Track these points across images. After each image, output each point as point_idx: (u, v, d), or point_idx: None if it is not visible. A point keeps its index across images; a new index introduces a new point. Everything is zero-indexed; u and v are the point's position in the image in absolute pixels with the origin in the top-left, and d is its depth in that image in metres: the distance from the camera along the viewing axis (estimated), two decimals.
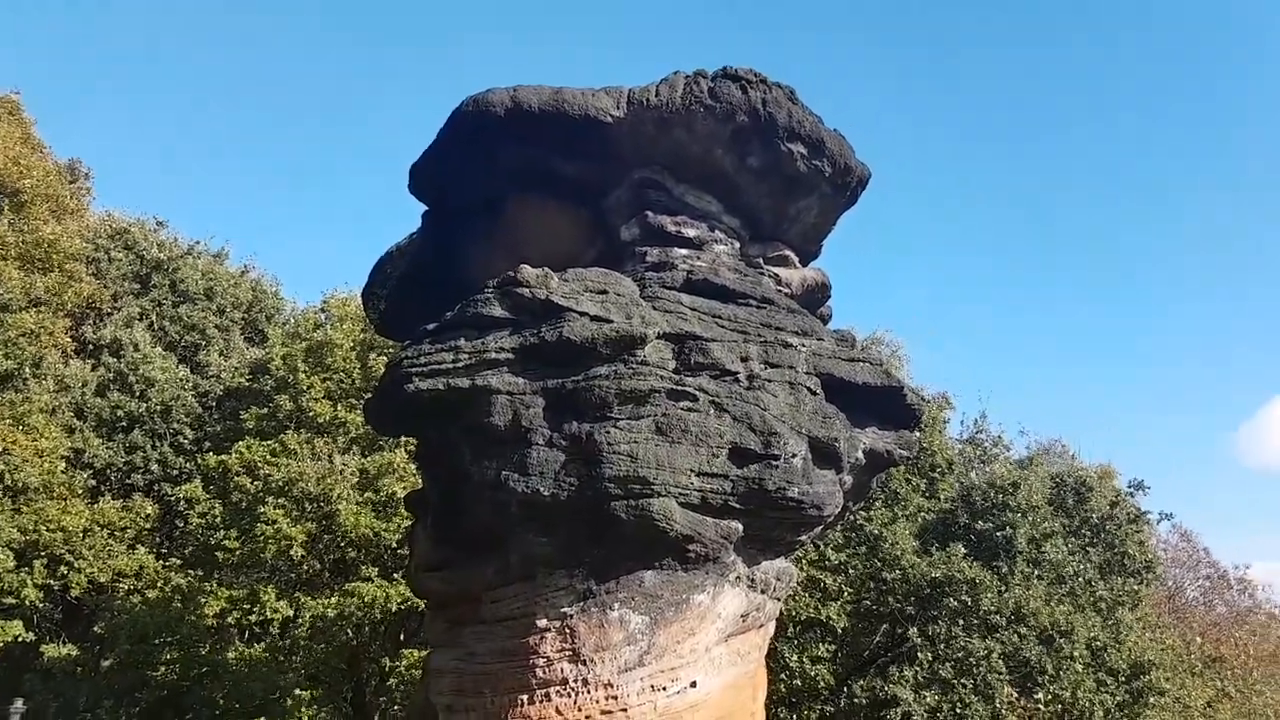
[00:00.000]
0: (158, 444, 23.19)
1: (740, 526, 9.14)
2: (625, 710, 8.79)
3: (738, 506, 8.98)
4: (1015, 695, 15.58)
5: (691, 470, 8.72)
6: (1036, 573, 17.56)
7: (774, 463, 8.95)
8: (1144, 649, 17.58)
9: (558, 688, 8.79)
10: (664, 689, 8.98)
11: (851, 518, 17.35)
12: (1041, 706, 15.45)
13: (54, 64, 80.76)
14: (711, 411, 8.95)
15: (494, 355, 8.99)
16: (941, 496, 20.13)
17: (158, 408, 23.12)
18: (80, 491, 21.33)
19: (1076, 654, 16.17)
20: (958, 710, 15.12)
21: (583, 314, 8.94)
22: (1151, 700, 16.77)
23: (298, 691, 19.76)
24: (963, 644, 15.70)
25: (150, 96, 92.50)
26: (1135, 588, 18.90)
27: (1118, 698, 16.36)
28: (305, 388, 21.24)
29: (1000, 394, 74.58)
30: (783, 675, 16.83)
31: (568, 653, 8.82)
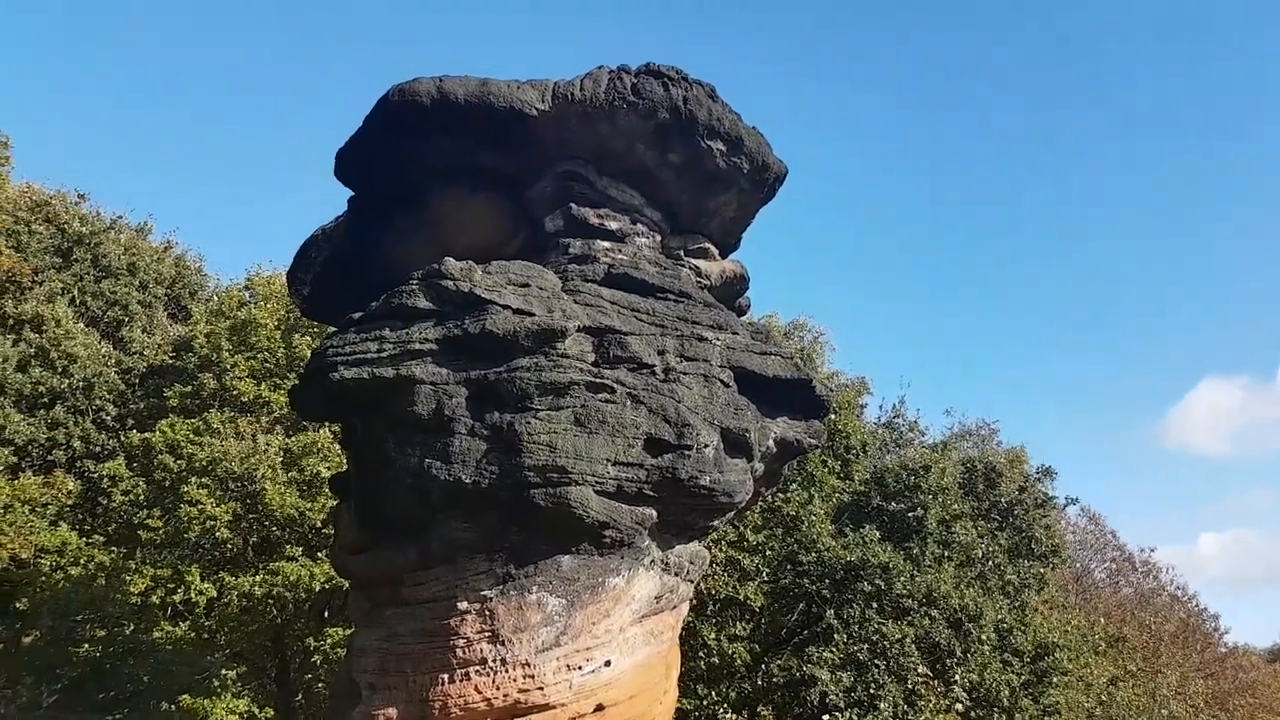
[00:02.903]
0: (80, 420, 22.83)
1: (654, 513, 9.49)
2: (542, 688, 9.12)
3: (652, 494, 9.33)
4: (929, 676, 16.05)
5: (608, 460, 9.04)
6: (946, 554, 18.10)
7: (687, 453, 9.31)
8: (1048, 630, 18.27)
9: (477, 667, 9.07)
10: (579, 668, 9.34)
11: (769, 500, 17.74)
12: (957, 688, 15.95)
13: None
14: (628, 403, 9.27)
15: (418, 346, 9.20)
16: (855, 478, 20.59)
17: (80, 384, 22.73)
18: (1, 468, 20.99)
19: (985, 637, 16.70)
20: (872, 690, 15.52)
21: (505, 307, 9.19)
22: (1055, 679, 17.44)
23: (223, 672, 19.74)
24: (876, 626, 16.12)
25: (73, 66, 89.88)
26: (1041, 571, 19.58)
27: (1023, 677, 16.98)
28: (229, 366, 21.12)
29: (944, 380, 75.82)
30: (701, 653, 17.22)
31: (487, 634, 9.09)
